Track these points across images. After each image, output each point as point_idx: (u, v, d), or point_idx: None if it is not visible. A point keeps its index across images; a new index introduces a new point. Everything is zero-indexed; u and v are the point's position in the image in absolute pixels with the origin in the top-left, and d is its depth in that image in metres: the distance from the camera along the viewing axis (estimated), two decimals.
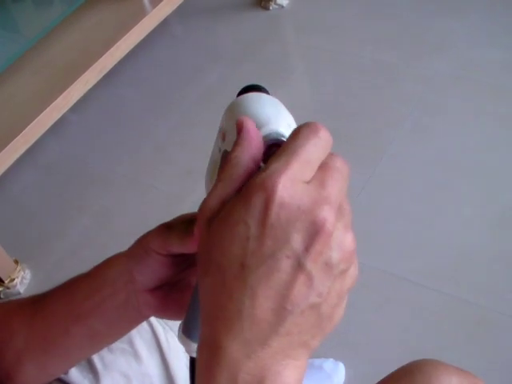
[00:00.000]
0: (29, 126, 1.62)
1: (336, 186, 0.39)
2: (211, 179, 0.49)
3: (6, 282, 1.57)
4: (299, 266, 0.37)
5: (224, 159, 0.45)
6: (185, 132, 1.91)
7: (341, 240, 0.38)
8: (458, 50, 1.92)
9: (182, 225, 0.49)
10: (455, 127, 1.72)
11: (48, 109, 1.65)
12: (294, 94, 1.96)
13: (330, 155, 0.42)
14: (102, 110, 2.03)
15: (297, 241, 0.37)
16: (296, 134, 0.41)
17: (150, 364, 0.76)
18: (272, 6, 2.25)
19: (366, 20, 2.12)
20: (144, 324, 0.78)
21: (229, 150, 0.42)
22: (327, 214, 0.37)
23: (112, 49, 1.80)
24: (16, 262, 1.61)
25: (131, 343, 0.76)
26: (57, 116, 1.69)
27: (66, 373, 0.75)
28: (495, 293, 1.36)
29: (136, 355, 0.76)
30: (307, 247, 0.37)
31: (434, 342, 1.31)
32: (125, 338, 0.75)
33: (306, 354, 0.40)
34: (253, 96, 0.47)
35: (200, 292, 0.41)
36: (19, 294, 1.57)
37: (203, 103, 1.98)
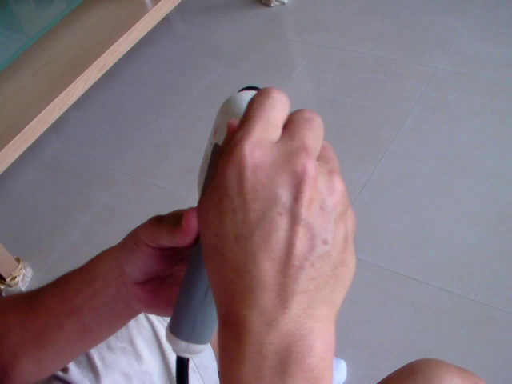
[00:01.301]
0: (30, 124, 1.62)
1: (307, 134, 0.38)
2: (201, 175, 0.49)
3: (8, 279, 1.57)
4: (294, 218, 0.36)
5: (214, 152, 0.46)
6: (186, 130, 1.91)
7: (329, 182, 0.38)
8: (460, 47, 1.91)
9: (173, 218, 0.48)
10: (457, 124, 1.72)
11: (49, 107, 1.65)
12: (295, 92, 1.95)
13: (295, 111, 0.41)
14: (104, 108, 2.03)
15: (283, 195, 0.36)
16: (251, 101, 0.40)
17: (151, 363, 0.76)
18: (273, 3, 2.24)
19: (367, 17, 2.12)
20: (145, 323, 0.77)
21: (219, 143, 0.43)
22: (305, 160, 0.37)
23: (113, 47, 1.80)
24: (17, 260, 1.61)
25: (132, 342, 0.76)
26: (58, 114, 1.69)
27: (66, 371, 0.75)
28: (497, 290, 1.36)
29: (137, 354, 0.76)
30: (296, 198, 0.36)
31: (437, 339, 1.31)
32: (125, 337, 0.75)
33: (331, 313, 0.38)
34: (247, 94, 0.47)
35: (209, 279, 0.40)
36: (21, 292, 1.57)
37: (204, 101, 1.98)
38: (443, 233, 1.49)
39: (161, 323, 0.78)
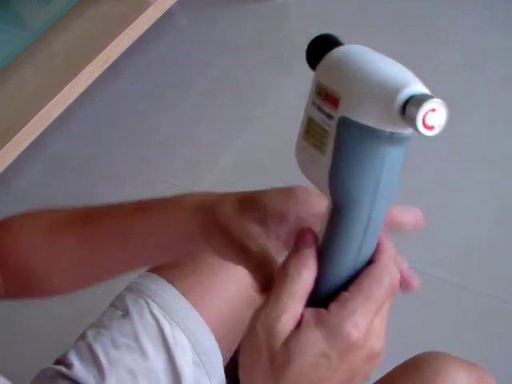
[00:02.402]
0: (33, 120, 1.62)
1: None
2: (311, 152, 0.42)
3: None
4: None
5: (342, 128, 0.39)
6: (190, 124, 1.91)
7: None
8: (464, 39, 1.90)
9: (261, 260, 0.46)
10: (461, 117, 1.71)
11: (52, 102, 1.65)
12: (300, 86, 1.94)
13: None
14: (107, 104, 2.03)
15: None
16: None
17: (156, 360, 0.75)
18: None
19: (370, 10, 2.11)
20: (150, 320, 0.77)
21: (350, 116, 0.39)
22: None
23: (115, 41, 1.79)
24: None
25: (137, 339, 0.76)
26: (61, 109, 1.69)
27: (70, 368, 0.75)
28: (503, 282, 1.36)
29: (142, 351, 0.75)
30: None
31: (442, 331, 1.31)
32: (130, 333, 0.75)
33: None
34: (366, 50, 0.43)
35: None
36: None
37: (208, 96, 1.97)
38: (449, 225, 1.48)
39: (166, 319, 0.78)
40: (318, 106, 0.41)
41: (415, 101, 0.38)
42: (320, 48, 0.45)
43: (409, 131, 0.40)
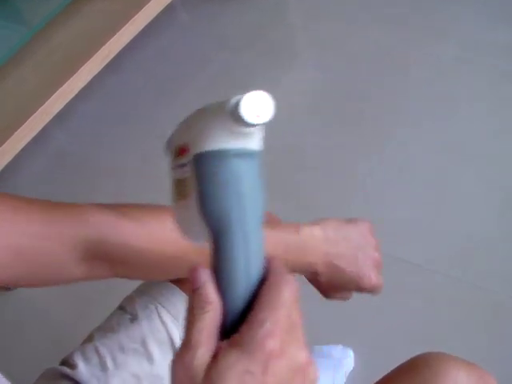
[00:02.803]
0: (33, 116, 1.62)
1: None
2: (175, 199, 0.46)
3: None
4: None
5: (197, 165, 0.43)
6: None
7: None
8: (464, 33, 1.89)
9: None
10: (461, 111, 1.71)
11: (52, 97, 1.66)
12: (300, 79, 1.94)
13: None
14: (108, 98, 2.02)
15: None
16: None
17: (163, 365, 0.75)
18: None
19: (372, 5, 2.09)
20: (159, 325, 0.77)
21: (199, 150, 0.42)
22: None
23: (115, 36, 1.79)
24: None
25: (144, 344, 0.76)
26: (61, 105, 1.69)
27: (74, 368, 0.75)
28: (506, 278, 1.36)
29: (148, 356, 0.75)
30: None
31: (444, 327, 1.31)
32: (138, 338, 0.75)
33: None
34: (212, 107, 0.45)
35: None
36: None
37: (209, 90, 1.97)
38: (450, 220, 1.48)
39: (175, 325, 0.78)
40: (177, 165, 0.45)
41: (236, 104, 0.41)
42: None
43: (253, 146, 0.43)
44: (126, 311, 0.79)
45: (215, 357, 0.40)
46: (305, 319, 0.83)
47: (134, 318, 0.77)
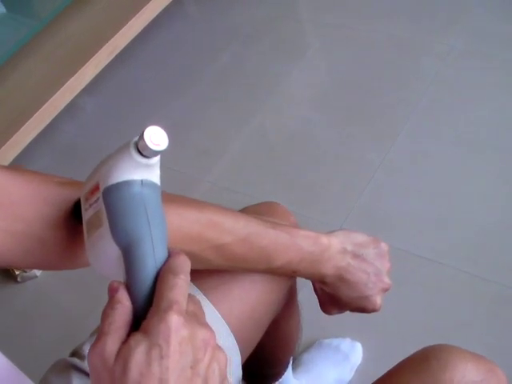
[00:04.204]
0: (41, 109, 1.62)
1: None
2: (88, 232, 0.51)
3: None
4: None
5: (107, 200, 0.49)
6: (199, 112, 1.90)
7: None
8: (475, 24, 1.88)
9: None
10: (472, 103, 1.70)
11: (60, 91, 1.66)
12: (309, 72, 1.94)
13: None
14: (116, 92, 2.03)
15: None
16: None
17: None
18: None
19: None
20: None
21: (108, 183, 0.49)
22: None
23: (124, 28, 1.79)
24: None
25: None
26: (69, 98, 1.69)
27: (83, 359, 0.75)
28: None
29: None
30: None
31: (453, 320, 1.30)
32: None
33: None
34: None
35: None
36: (35, 276, 1.58)
37: (217, 82, 1.96)
38: (459, 213, 1.48)
39: None
40: (88, 205, 0.51)
41: (140, 138, 0.49)
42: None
43: (154, 179, 0.51)
44: None
45: (126, 341, 0.44)
46: (313, 313, 0.83)
47: None
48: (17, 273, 1.57)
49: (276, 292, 0.80)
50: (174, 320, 0.44)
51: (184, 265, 0.49)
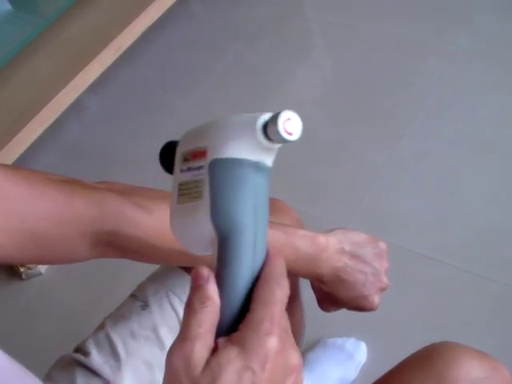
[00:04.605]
0: (46, 107, 1.62)
1: None
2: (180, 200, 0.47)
3: None
4: None
5: (214, 174, 0.44)
6: (204, 110, 1.90)
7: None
8: (480, 24, 1.88)
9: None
10: (477, 103, 1.69)
11: (65, 89, 1.66)
12: (314, 71, 1.93)
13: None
14: (122, 91, 2.03)
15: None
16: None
17: None
18: None
19: None
20: (169, 312, 0.78)
21: (219, 156, 0.44)
22: None
23: (129, 27, 1.79)
24: None
25: (156, 331, 0.76)
26: (74, 96, 1.69)
27: (88, 356, 0.76)
28: None
29: (160, 343, 0.76)
30: None
31: (456, 319, 1.30)
32: (149, 325, 0.76)
33: None
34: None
35: None
36: (40, 274, 1.58)
37: (222, 81, 1.97)
38: (463, 212, 1.47)
39: None
40: (187, 168, 0.46)
41: (272, 120, 0.43)
42: (170, 151, 0.51)
43: (269, 163, 0.45)
44: (138, 299, 0.79)
45: (215, 351, 0.41)
46: (318, 312, 0.83)
47: (145, 305, 0.78)
48: (21, 270, 1.58)
49: None
50: (274, 346, 0.41)
51: (284, 272, 0.45)
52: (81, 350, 0.77)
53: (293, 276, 0.85)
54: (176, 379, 0.41)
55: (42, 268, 1.59)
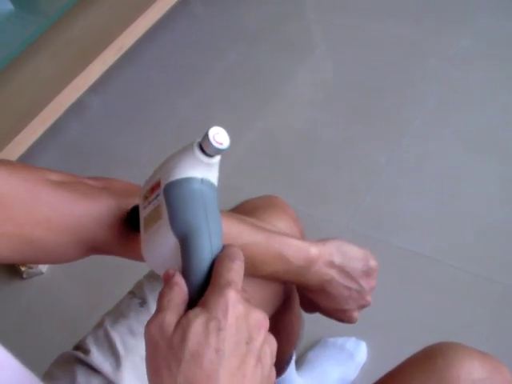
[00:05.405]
0: (48, 106, 1.62)
1: None
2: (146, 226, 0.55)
3: None
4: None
5: (169, 195, 0.52)
6: (206, 111, 1.90)
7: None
8: (481, 25, 1.88)
9: None
10: (478, 104, 1.69)
11: (67, 89, 1.66)
12: (315, 72, 1.94)
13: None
14: (123, 90, 2.03)
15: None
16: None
17: None
18: None
19: None
20: None
21: (171, 179, 0.52)
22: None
23: (131, 27, 1.79)
24: None
25: None
26: (76, 96, 1.69)
27: (88, 353, 0.76)
28: None
29: None
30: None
31: (457, 320, 1.30)
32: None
33: None
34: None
35: None
36: (41, 273, 1.58)
37: (224, 82, 1.97)
38: (464, 213, 1.48)
39: None
40: (148, 202, 0.55)
41: (204, 137, 0.52)
42: (135, 213, 0.58)
43: (212, 179, 0.54)
44: (136, 296, 0.80)
45: (185, 314, 0.46)
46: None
47: (143, 303, 0.78)
48: (22, 269, 1.58)
49: (274, 285, 0.81)
50: (232, 295, 0.46)
51: (239, 253, 0.51)
52: (80, 347, 0.77)
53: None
54: (154, 344, 0.46)
55: (43, 267, 1.59)
